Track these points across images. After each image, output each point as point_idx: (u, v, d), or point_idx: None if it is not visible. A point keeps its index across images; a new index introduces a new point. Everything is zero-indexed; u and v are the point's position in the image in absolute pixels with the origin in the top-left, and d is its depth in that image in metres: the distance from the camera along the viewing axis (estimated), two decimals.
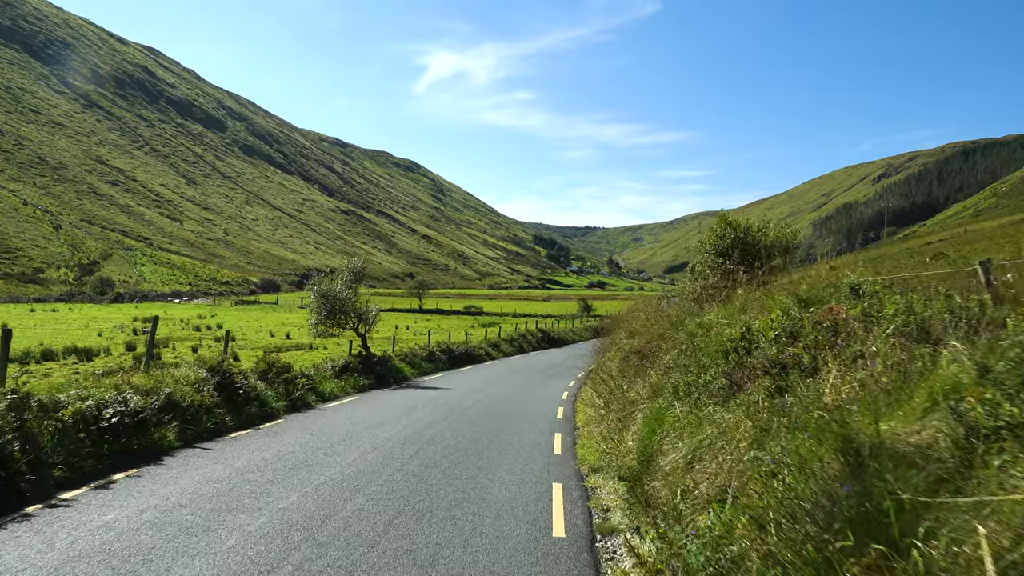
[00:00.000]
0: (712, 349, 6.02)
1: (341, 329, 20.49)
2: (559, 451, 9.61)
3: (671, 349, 8.26)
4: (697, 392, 5.73)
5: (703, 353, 6.30)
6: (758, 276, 9.72)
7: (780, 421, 3.84)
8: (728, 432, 4.39)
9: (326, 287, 19.78)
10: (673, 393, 6.32)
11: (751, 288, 8.96)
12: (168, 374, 9.81)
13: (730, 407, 4.90)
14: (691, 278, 11.62)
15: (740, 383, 5.00)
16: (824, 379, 3.97)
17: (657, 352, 9.33)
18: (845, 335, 4.27)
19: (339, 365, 17.10)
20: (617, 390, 10.18)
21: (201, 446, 8.79)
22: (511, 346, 34.46)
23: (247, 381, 11.41)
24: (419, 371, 22.36)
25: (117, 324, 43.55)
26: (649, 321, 13.29)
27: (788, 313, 5.09)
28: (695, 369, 6.21)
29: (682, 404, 5.89)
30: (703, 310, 9.80)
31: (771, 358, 4.59)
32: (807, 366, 4.31)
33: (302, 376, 14.27)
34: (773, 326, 4.96)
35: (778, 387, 4.36)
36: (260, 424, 10.75)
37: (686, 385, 6.08)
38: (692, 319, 8.45)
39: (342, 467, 7.84)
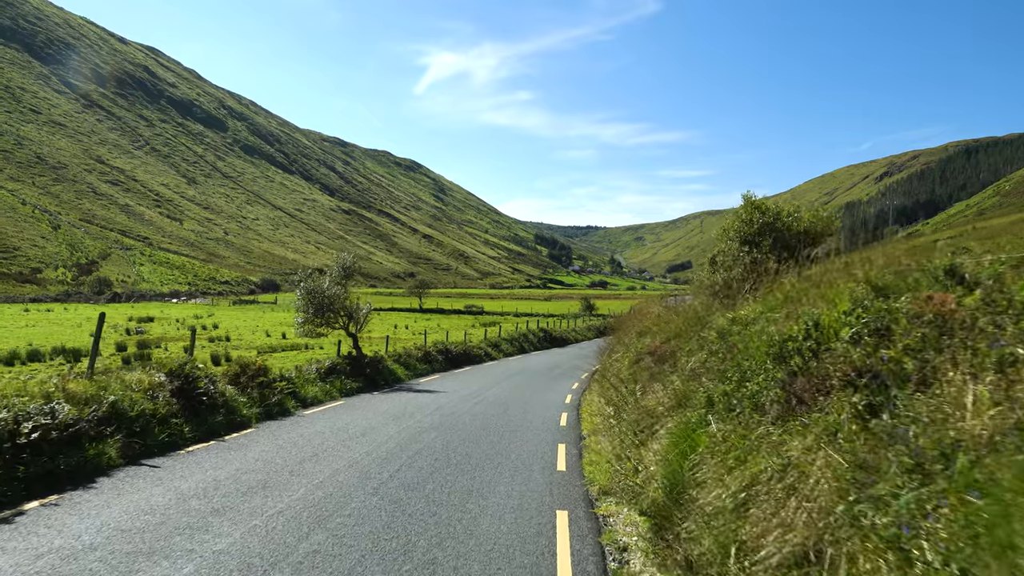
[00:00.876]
0: (757, 351, 4.80)
1: (330, 328, 19.28)
2: (563, 467, 8.38)
3: (696, 350, 7.02)
4: (741, 406, 4.51)
5: (743, 356, 5.08)
6: (791, 266, 8.48)
7: (893, 457, 2.63)
8: (800, 467, 3.19)
9: (313, 284, 18.56)
10: (706, 405, 5.09)
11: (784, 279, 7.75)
12: (117, 379, 8.59)
13: (792, 429, 3.69)
14: (710, 270, 10.38)
15: (804, 396, 3.78)
16: (947, 394, 2.76)
17: (677, 353, 8.09)
18: (965, 333, 3.05)
19: (325, 367, 15.87)
20: (629, 396, 8.94)
21: (148, 463, 7.57)
22: (512, 346, 33.22)
23: (214, 386, 10.19)
24: (414, 373, 21.15)
25: (111, 324, 42.65)
26: (662, 319, 12.05)
27: (865, 305, 3.86)
28: (734, 375, 4.99)
29: (721, 420, 4.67)
30: (730, 305, 8.56)
31: (856, 364, 3.38)
32: (911, 375, 3.10)
33: (281, 379, 13.05)
34: (848, 321, 3.74)
35: (870, 404, 3.15)
36: (226, 435, 9.53)
37: (724, 396, 4.86)
38: (721, 314, 7.21)
39: (307, 490, 6.62)
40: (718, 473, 4.03)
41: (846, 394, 3.33)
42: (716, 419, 4.75)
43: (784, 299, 5.77)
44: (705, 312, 9.95)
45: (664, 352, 9.00)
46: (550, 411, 13.79)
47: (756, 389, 4.40)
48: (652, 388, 8.02)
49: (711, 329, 6.86)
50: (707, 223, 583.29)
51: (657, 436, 5.98)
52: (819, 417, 3.44)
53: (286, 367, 16.16)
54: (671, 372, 7.47)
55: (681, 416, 5.59)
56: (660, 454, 5.36)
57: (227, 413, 10.13)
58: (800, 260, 9.09)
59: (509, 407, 14.10)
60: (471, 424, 11.50)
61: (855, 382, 3.32)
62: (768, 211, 9.13)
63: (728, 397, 4.76)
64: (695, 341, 7.37)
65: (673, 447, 4.97)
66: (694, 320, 9.78)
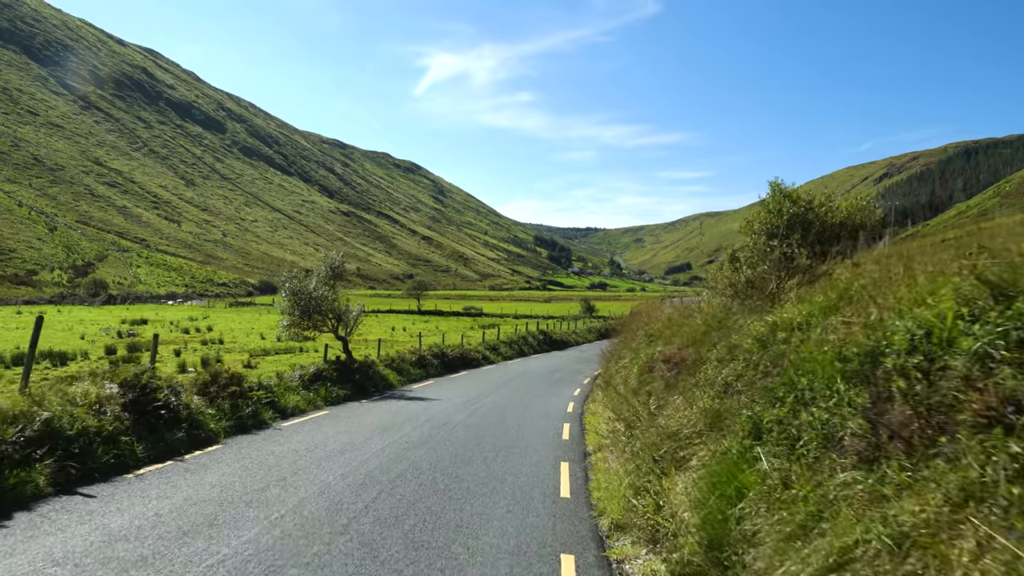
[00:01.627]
0: (820, 366, 3.74)
1: (317, 332, 18.21)
2: (567, 492, 7.31)
3: (725, 359, 5.95)
4: (804, 438, 3.46)
5: (798, 370, 4.01)
6: (826, 261, 7.42)
7: None
8: (929, 547, 2.14)
9: (299, 284, 17.49)
10: (752, 434, 4.04)
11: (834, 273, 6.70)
12: (57, 392, 7.51)
13: (892, 480, 2.63)
14: (730, 268, 9.31)
15: (909, 434, 2.73)
16: None
17: (698, 362, 7.03)
18: None
19: (309, 373, 14.78)
20: (642, 409, 7.87)
21: (84, 492, 6.48)
22: (510, 349, 32.13)
23: (177, 398, 9.11)
24: (407, 378, 20.07)
25: (103, 327, 41.76)
26: (674, 322, 10.98)
27: (982, 306, 2.81)
28: (787, 396, 3.93)
29: (775, 456, 3.62)
30: (755, 306, 7.50)
31: (1007, 392, 2.32)
32: None
33: (259, 388, 11.98)
34: (971, 330, 2.68)
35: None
36: (186, 453, 8.44)
37: (776, 423, 3.81)
38: (756, 318, 6.14)
39: (261, 529, 5.53)
40: (781, 534, 2.98)
41: (991, 436, 2.29)
42: (768, 453, 3.69)
43: (838, 298, 4.71)
44: (724, 315, 8.89)
45: (681, 360, 7.93)
46: (551, 422, 12.72)
47: (825, 417, 3.35)
48: (670, 402, 6.95)
49: (745, 335, 5.79)
50: (706, 224, 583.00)
51: (687, 467, 4.91)
52: (945, 468, 2.39)
53: (268, 373, 15.09)
54: (694, 386, 6.40)
55: (716, 444, 4.53)
56: (693, 495, 4.30)
57: (191, 428, 9.05)
58: (834, 255, 8.03)
59: (506, 417, 13.02)
60: (464, 438, 10.42)
61: (1006, 418, 2.28)
62: (799, 200, 8.07)
63: (784, 426, 3.70)
64: (722, 348, 6.30)
65: (712, 488, 3.90)
66: (714, 324, 8.72)
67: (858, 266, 5.25)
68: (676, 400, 6.67)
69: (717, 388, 5.49)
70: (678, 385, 7.44)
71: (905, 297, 3.62)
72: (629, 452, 7.18)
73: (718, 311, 9.25)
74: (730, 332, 6.51)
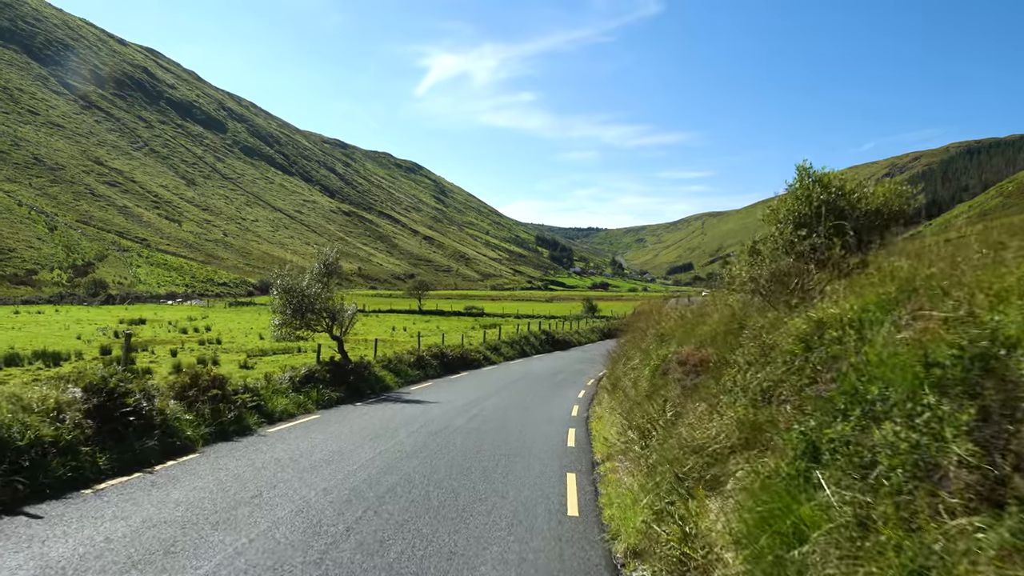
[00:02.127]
0: (898, 371, 3.00)
1: (311, 331, 17.48)
2: (575, 509, 6.57)
3: (759, 362, 5.19)
4: (881, 464, 2.72)
5: (867, 377, 3.27)
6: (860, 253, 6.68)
7: None
8: None
9: (291, 282, 16.77)
10: (807, 454, 3.30)
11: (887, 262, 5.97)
12: (8, 398, 6.78)
13: None
14: (748, 262, 8.56)
15: None
16: None
17: (721, 364, 6.29)
18: None
19: (300, 375, 14.04)
20: (658, 416, 7.13)
21: (31, 511, 5.75)
22: (512, 349, 31.37)
23: (149, 403, 8.38)
24: (405, 380, 19.34)
25: (101, 326, 41.19)
26: (687, 320, 10.23)
27: None
28: (849, 407, 3.20)
29: (838, 483, 2.88)
30: (779, 302, 6.75)
31: None
32: None
33: (244, 391, 11.25)
34: None
35: None
36: (157, 464, 7.71)
37: (839, 443, 3.08)
38: (796, 314, 5.39)
39: (222, 560, 4.79)
40: None
41: None
42: (830, 480, 2.96)
43: (898, 291, 3.97)
44: (744, 312, 8.15)
45: (701, 362, 7.19)
46: (555, 427, 11.98)
47: (914, 438, 2.62)
48: (691, 409, 6.21)
49: (783, 334, 5.03)
50: (708, 224, 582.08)
51: (720, 489, 4.18)
52: None
53: (259, 375, 14.36)
54: (719, 391, 5.65)
55: (757, 463, 3.80)
56: (733, 526, 3.56)
57: (165, 436, 8.32)
58: (867, 245, 7.29)
59: (508, 421, 12.28)
60: (463, 445, 9.69)
61: None
62: (830, 185, 7.30)
63: (851, 446, 2.97)
64: (753, 349, 5.54)
65: (761, 522, 3.17)
66: (733, 322, 7.98)
67: (918, 256, 4.50)
68: (698, 408, 5.92)
69: (751, 395, 4.74)
70: (698, 390, 6.69)
71: (1006, 287, 2.88)
72: (645, 465, 6.44)
73: (737, 308, 8.51)
74: (760, 331, 5.76)
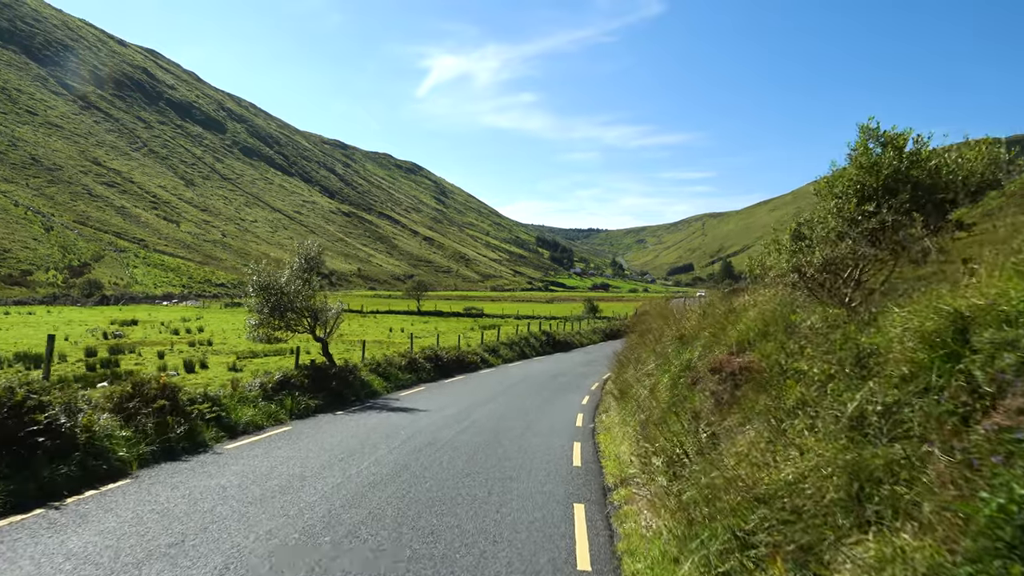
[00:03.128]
0: None
1: (290, 332, 16.06)
2: (588, 561, 5.11)
3: (848, 375, 3.75)
4: None
5: None
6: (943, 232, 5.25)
7: None
8: None
9: (268, 278, 15.34)
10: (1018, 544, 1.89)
11: None
12: None
13: None
14: (791, 248, 7.13)
15: None
16: None
17: (776, 374, 4.86)
18: None
19: (273, 381, 12.58)
20: (689, 439, 5.69)
21: None
22: (511, 351, 29.90)
23: (72, 418, 6.96)
24: (394, 384, 17.90)
25: (91, 327, 39.89)
26: (712, 318, 8.79)
27: None
28: None
29: None
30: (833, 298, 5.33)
31: None
32: None
33: (204, 400, 9.82)
34: None
35: None
36: (73, 494, 6.27)
37: None
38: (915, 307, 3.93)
39: None
40: None
41: None
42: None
43: None
44: (786, 310, 6.73)
45: (744, 370, 5.75)
46: (558, 440, 10.54)
47: None
48: (736, 431, 4.77)
49: (896, 339, 3.57)
50: (709, 225, 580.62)
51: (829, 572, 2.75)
52: None
53: (230, 380, 12.91)
54: (775, 409, 4.21)
55: (893, 540, 2.39)
56: None
57: (90, 458, 6.89)
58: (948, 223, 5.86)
59: (504, 433, 10.84)
60: (451, 465, 8.26)
61: None
62: (903, 148, 5.84)
63: None
64: (846, 357, 4.07)
65: None
66: (773, 321, 6.56)
67: None
68: (747, 432, 4.50)
69: (844, 424, 3.33)
70: (741, 405, 5.26)
71: None
72: (675, 503, 5.00)
73: (778, 305, 7.09)
74: (848, 336, 4.29)
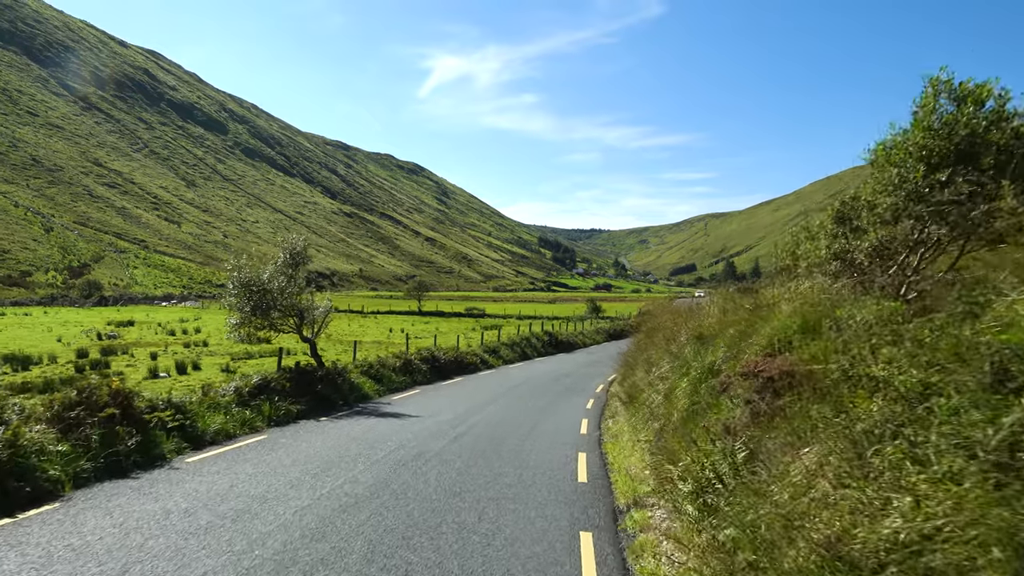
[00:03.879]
0: None
1: (275, 332, 15.05)
2: None
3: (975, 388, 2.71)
4: None
5: None
6: None
7: None
8: None
9: (250, 273, 14.33)
10: None
11: None
12: None
13: None
14: (833, 231, 6.09)
15: None
16: None
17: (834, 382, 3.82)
18: None
19: (251, 385, 11.54)
20: (722, 459, 4.65)
21: None
22: (512, 352, 28.84)
23: None
24: (388, 387, 16.88)
25: (86, 328, 39.04)
26: (735, 315, 7.74)
27: None
28: None
29: None
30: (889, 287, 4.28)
31: None
32: None
33: (166, 407, 8.80)
34: None
35: None
36: None
37: None
38: None
39: None
40: None
41: None
42: None
43: None
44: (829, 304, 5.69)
45: (782, 375, 4.71)
46: (560, 451, 9.49)
47: None
48: (785, 451, 3.73)
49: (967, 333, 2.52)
50: (711, 226, 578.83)
51: None
52: None
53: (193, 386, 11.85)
54: (849, 430, 3.17)
55: None
56: None
57: (11, 478, 5.87)
58: None
59: (501, 443, 9.80)
60: (438, 483, 7.22)
61: None
62: (981, 104, 4.78)
63: None
64: (923, 365, 3.03)
65: None
66: (816, 317, 5.52)
67: None
68: (805, 456, 3.46)
69: (985, 460, 2.28)
70: (787, 418, 4.22)
71: None
72: (707, 542, 3.95)
73: (816, 298, 6.04)
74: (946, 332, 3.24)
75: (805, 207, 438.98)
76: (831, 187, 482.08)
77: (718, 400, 5.89)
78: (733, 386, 5.40)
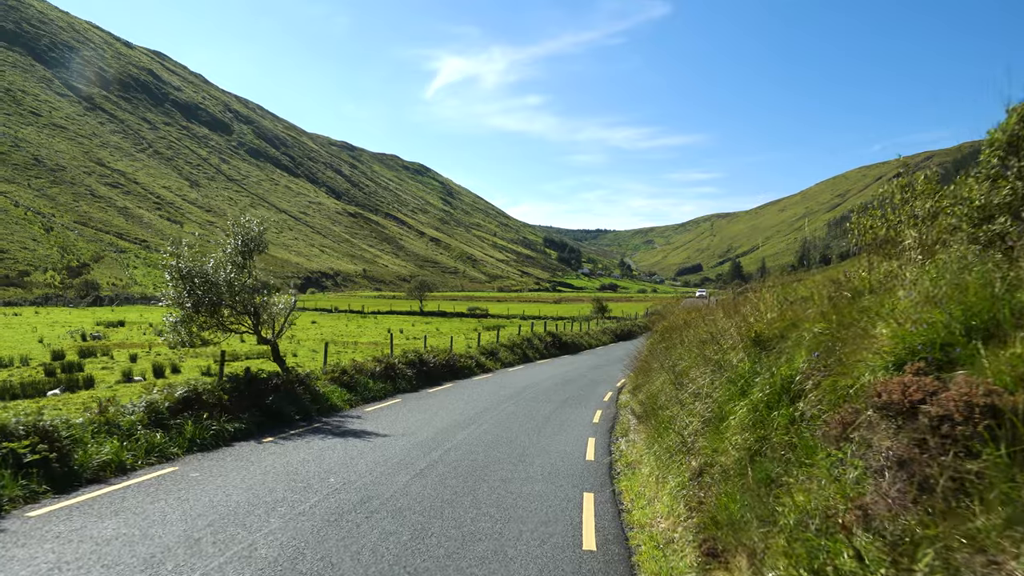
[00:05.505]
0: None
1: (224, 333, 12.73)
2: None
3: None
4: None
5: None
6: None
7: None
8: None
9: (191, 263, 12.00)
10: None
11: None
12: None
13: None
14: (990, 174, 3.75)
15: None
16: None
17: None
18: None
19: (174, 399, 9.17)
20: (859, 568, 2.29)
21: None
22: (512, 354, 26.41)
23: None
24: (362, 396, 14.53)
25: (74, 329, 37.04)
26: (798, 307, 5.38)
27: None
28: None
29: None
30: None
31: None
32: None
33: (26, 434, 6.52)
34: None
35: None
36: None
37: None
38: None
39: None
40: None
41: None
42: None
43: None
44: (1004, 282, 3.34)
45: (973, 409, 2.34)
46: (560, 492, 7.10)
47: None
48: None
49: None
50: (717, 226, 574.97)
51: None
52: None
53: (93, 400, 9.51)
54: None
55: None
56: None
57: None
58: None
59: (482, 478, 7.43)
60: (373, 558, 4.86)
61: None
62: None
63: None
64: None
65: None
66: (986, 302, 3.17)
67: None
68: None
69: None
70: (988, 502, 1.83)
71: None
72: None
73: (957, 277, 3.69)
74: None
75: (809, 208, 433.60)
76: (837, 187, 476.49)
77: (817, 443, 3.50)
78: (860, 426, 3.02)
